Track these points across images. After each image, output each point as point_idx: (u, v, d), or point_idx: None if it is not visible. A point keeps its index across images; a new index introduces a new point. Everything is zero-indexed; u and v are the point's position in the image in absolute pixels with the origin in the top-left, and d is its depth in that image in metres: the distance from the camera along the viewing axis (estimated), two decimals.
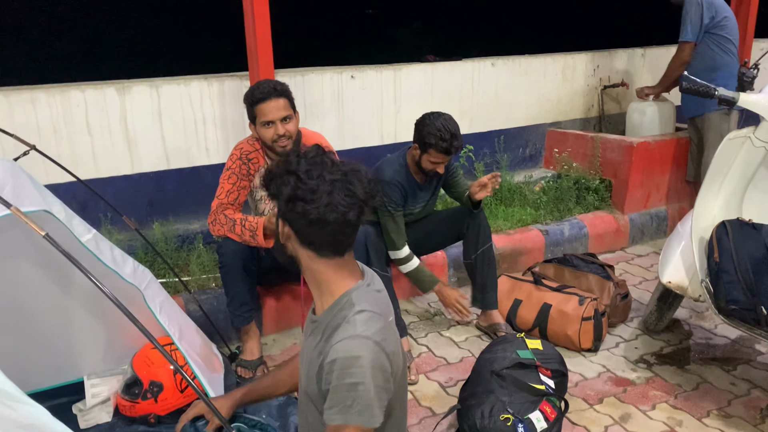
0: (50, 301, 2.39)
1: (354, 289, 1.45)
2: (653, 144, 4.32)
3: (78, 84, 3.35)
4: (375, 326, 1.39)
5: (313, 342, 1.49)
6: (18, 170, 1.90)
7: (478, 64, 4.56)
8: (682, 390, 2.73)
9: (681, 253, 2.87)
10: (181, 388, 2.46)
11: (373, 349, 1.35)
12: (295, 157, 1.41)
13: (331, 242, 1.41)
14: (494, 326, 3.15)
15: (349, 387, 1.33)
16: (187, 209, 3.70)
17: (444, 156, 2.91)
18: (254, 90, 2.65)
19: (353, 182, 1.39)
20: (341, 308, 1.43)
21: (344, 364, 1.33)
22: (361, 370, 1.33)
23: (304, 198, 1.35)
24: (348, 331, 1.37)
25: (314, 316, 1.54)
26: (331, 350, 1.36)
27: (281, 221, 1.44)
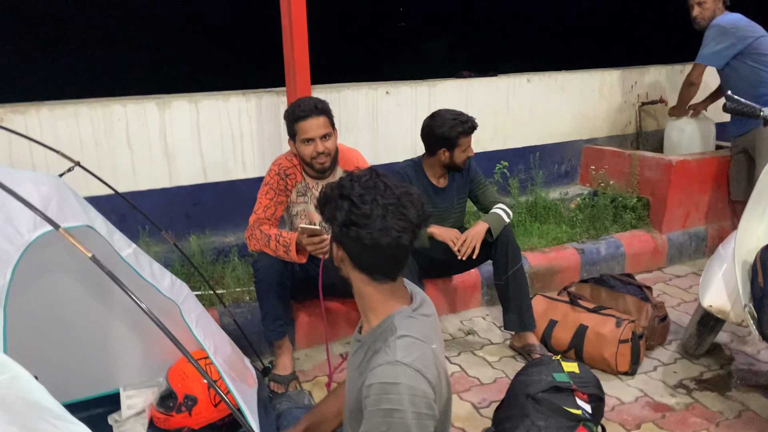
0: (89, 313, 2.43)
1: (397, 313, 1.45)
2: (693, 162, 4.24)
3: (119, 98, 3.42)
4: (416, 353, 1.37)
5: (356, 361, 1.50)
6: (63, 186, 1.94)
7: (514, 80, 4.54)
8: (723, 418, 2.65)
9: (723, 276, 2.80)
10: (215, 402, 2.48)
11: (413, 376, 1.34)
12: (349, 181, 1.43)
13: (384, 266, 1.44)
14: (529, 347, 3.11)
15: (385, 413, 1.32)
16: (223, 222, 3.74)
17: (470, 137, 3.08)
18: (295, 107, 2.68)
19: (406, 206, 1.40)
20: (383, 331, 1.44)
21: (381, 389, 1.33)
22: (398, 396, 1.31)
23: (357, 223, 1.37)
24: (387, 356, 1.37)
25: (359, 335, 1.55)
26: (370, 374, 1.36)
27: (335, 245, 1.46)
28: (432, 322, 1.52)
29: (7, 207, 1.70)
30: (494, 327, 3.47)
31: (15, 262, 1.56)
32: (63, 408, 1.20)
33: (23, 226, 1.68)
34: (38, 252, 2.00)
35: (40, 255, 2.10)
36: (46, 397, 1.19)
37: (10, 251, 1.62)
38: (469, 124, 3.05)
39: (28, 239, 1.67)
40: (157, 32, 10.27)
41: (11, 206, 1.69)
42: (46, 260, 2.17)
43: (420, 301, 1.53)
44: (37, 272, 2.20)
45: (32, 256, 1.91)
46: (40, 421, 1.17)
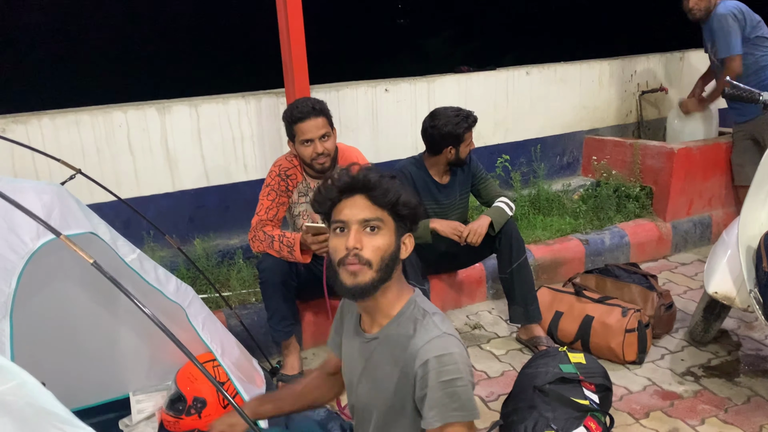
0: (96, 319, 2.45)
1: (415, 297, 1.52)
2: (695, 149, 4.23)
3: (120, 105, 3.44)
4: (450, 325, 1.48)
5: (381, 358, 1.51)
6: (65, 194, 1.95)
7: (513, 73, 4.53)
8: (732, 404, 2.65)
9: (727, 262, 2.79)
10: (224, 404, 2.50)
11: (459, 345, 1.42)
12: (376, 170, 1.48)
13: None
14: (535, 339, 3.11)
15: (447, 384, 1.37)
16: (227, 225, 3.76)
17: (472, 131, 3.13)
18: (293, 109, 2.69)
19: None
20: (409, 316, 1.48)
21: (439, 362, 1.37)
22: (455, 366, 1.37)
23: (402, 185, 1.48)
24: (432, 332, 1.42)
25: (368, 335, 1.55)
26: (420, 352, 1.40)
27: (409, 236, 1.52)
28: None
29: (10, 216, 1.72)
30: (500, 320, 3.47)
31: (20, 271, 1.57)
32: (71, 413, 1.21)
33: (27, 235, 1.70)
34: (43, 260, 2.02)
35: (46, 263, 2.12)
36: (54, 402, 1.20)
37: (14, 260, 1.64)
38: (471, 118, 3.09)
39: (32, 248, 1.68)
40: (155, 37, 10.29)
41: (15, 215, 1.70)
42: (51, 269, 2.19)
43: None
44: (43, 281, 2.22)
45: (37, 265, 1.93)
46: (48, 426, 1.18)
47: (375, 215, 1.43)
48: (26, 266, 1.62)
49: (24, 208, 1.55)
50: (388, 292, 1.49)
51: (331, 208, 1.48)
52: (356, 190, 1.44)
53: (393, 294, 1.50)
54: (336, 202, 1.46)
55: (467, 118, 3.07)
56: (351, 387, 1.66)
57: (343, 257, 1.42)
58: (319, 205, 1.49)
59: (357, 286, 1.42)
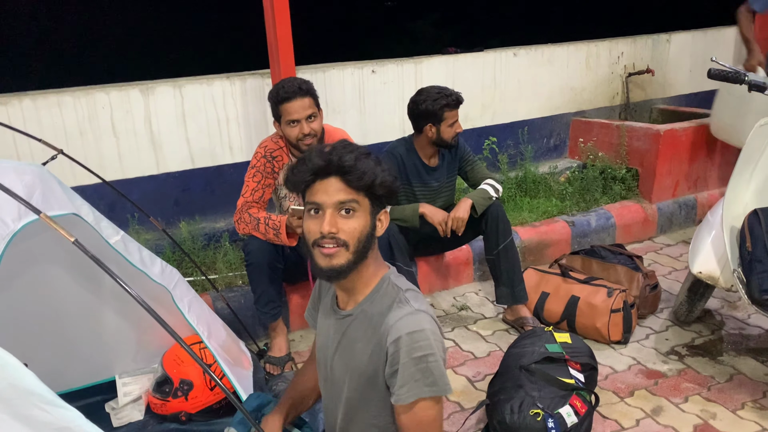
0: (81, 302, 2.43)
1: (390, 273, 1.53)
2: (680, 131, 4.24)
3: (103, 86, 3.38)
4: (424, 302, 1.48)
5: (355, 336, 1.51)
6: (47, 174, 1.93)
7: (500, 54, 4.51)
8: (715, 382, 2.68)
9: (712, 242, 2.82)
10: (210, 386, 2.49)
11: (432, 321, 1.43)
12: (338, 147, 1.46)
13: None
14: (521, 320, 3.13)
15: (419, 360, 1.38)
16: (213, 208, 3.73)
17: (456, 111, 3.07)
18: (279, 89, 2.66)
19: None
20: (384, 293, 1.49)
21: (410, 339, 1.38)
22: (427, 342, 1.39)
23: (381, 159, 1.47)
24: (404, 309, 1.43)
25: (342, 312, 1.55)
26: (392, 330, 1.41)
27: (384, 212, 1.51)
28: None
29: None
30: (487, 302, 3.49)
31: (1, 252, 1.55)
32: (54, 394, 1.21)
33: (8, 215, 1.67)
34: (26, 243, 2.00)
35: (29, 246, 2.10)
36: (37, 383, 1.20)
37: None
38: (453, 97, 3.05)
39: (13, 229, 1.65)
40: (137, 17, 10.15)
41: None
42: (34, 251, 2.17)
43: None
44: (26, 263, 2.20)
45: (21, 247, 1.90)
46: (30, 407, 1.18)
47: (350, 197, 1.41)
48: (7, 248, 1.60)
49: (4, 188, 1.53)
50: (364, 271, 1.50)
51: (306, 189, 1.46)
52: (331, 173, 1.41)
53: (369, 272, 1.51)
54: (310, 183, 1.44)
55: (448, 96, 3.04)
56: (324, 363, 1.66)
57: (317, 239, 1.41)
58: (293, 186, 1.46)
59: (332, 269, 1.42)
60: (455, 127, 3.11)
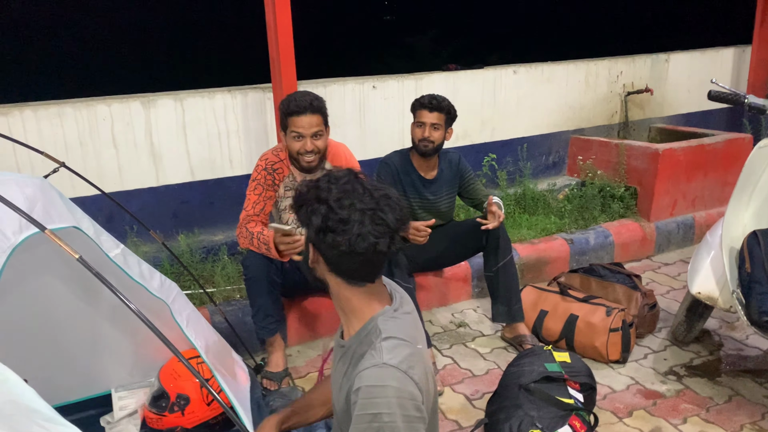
0: (78, 315, 2.42)
1: (380, 314, 1.42)
2: (679, 150, 4.26)
3: (104, 98, 3.39)
4: (401, 354, 1.34)
5: (342, 368, 1.47)
6: (48, 187, 1.92)
7: (500, 71, 4.54)
8: (713, 403, 2.67)
9: (711, 262, 2.82)
10: (207, 401, 2.47)
11: (400, 378, 1.30)
12: (326, 182, 1.38)
13: (361, 271, 1.39)
14: (520, 338, 3.12)
15: (372, 418, 1.28)
16: (212, 221, 3.73)
17: (425, 112, 3.05)
18: (290, 101, 2.66)
19: (385, 210, 1.35)
20: (367, 334, 1.40)
21: (368, 393, 1.29)
22: (386, 400, 1.28)
23: (334, 229, 1.32)
24: (374, 359, 1.33)
25: (342, 341, 1.51)
26: (356, 378, 1.33)
27: (311, 247, 1.41)
28: (414, 320, 1.49)
29: None
30: (485, 319, 3.48)
31: (1, 266, 1.54)
32: (54, 410, 1.19)
33: (9, 228, 1.66)
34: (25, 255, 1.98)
35: (27, 258, 2.08)
36: (36, 399, 1.19)
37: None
38: (423, 99, 3.07)
39: (14, 242, 1.65)
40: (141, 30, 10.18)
41: None
42: (33, 263, 2.15)
43: (400, 300, 1.50)
44: (24, 275, 2.18)
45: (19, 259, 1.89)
46: (30, 424, 1.17)
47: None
48: (8, 261, 1.59)
49: (7, 201, 1.52)
50: (351, 297, 1.43)
51: None
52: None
53: (355, 303, 1.44)
54: None
55: (422, 98, 3.08)
56: (332, 383, 1.65)
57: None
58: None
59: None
60: (421, 130, 3.07)
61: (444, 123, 3.08)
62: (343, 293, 1.43)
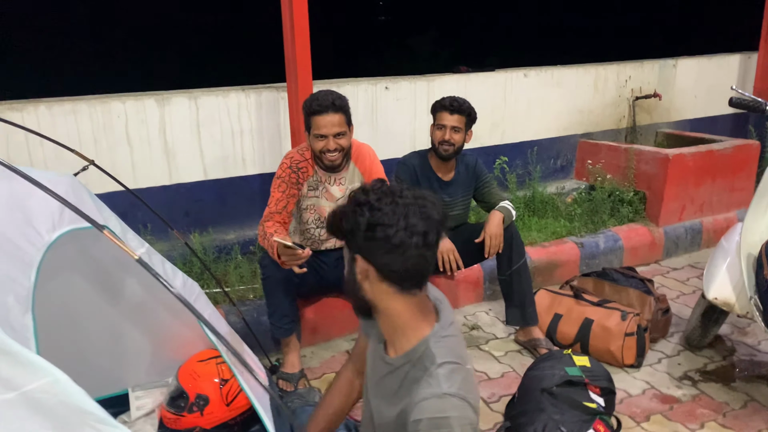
0: (99, 314, 2.40)
1: (431, 336, 1.41)
2: (688, 156, 4.28)
3: (119, 95, 3.37)
4: (458, 380, 1.35)
5: (389, 387, 1.46)
6: (78, 186, 1.91)
7: (511, 74, 4.55)
8: (730, 408, 2.68)
9: (727, 268, 2.82)
10: (227, 401, 2.46)
11: (461, 406, 1.32)
12: (361, 192, 1.38)
13: (412, 272, 1.36)
14: (534, 341, 3.12)
15: None
16: (224, 220, 3.71)
17: (446, 114, 3.07)
18: (312, 100, 2.65)
19: (426, 205, 1.35)
20: (420, 358, 1.39)
21: (431, 425, 1.30)
22: (449, 430, 1.29)
23: (382, 222, 1.30)
24: (432, 388, 1.33)
25: (387, 356, 1.49)
26: (416, 409, 1.33)
27: (359, 259, 1.38)
28: (459, 337, 1.50)
29: (25, 208, 1.67)
30: (498, 322, 3.48)
31: (38, 264, 1.53)
32: (105, 411, 1.18)
33: (42, 226, 1.66)
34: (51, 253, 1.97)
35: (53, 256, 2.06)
36: (88, 401, 1.17)
37: (32, 253, 1.59)
38: (445, 101, 3.09)
39: (48, 240, 1.64)
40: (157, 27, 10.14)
41: (30, 207, 1.66)
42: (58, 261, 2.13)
43: (445, 314, 1.50)
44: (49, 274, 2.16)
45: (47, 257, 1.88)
46: (82, 426, 1.16)
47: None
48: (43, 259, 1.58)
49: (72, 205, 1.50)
50: (395, 318, 1.42)
51: None
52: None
53: (401, 321, 1.43)
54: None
55: (443, 100, 3.10)
56: (366, 384, 1.64)
57: None
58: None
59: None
60: (442, 132, 3.09)
61: (464, 125, 3.08)
62: (393, 307, 1.41)
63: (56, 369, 1.18)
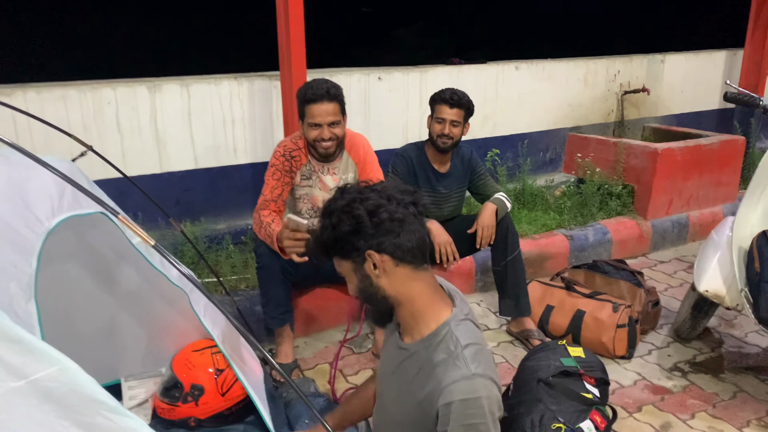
0: (94, 302, 2.37)
1: (452, 319, 1.43)
2: (677, 150, 4.32)
3: (109, 81, 3.32)
4: (484, 360, 1.39)
5: (408, 373, 1.47)
6: (76, 171, 1.88)
7: (502, 67, 4.55)
8: (719, 399, 2.73)
9: (718, 261, 2.86)
10: (222, 391, 2.44)
11: (488, 386, 1.36)
12: (335, 201, 1.42)
13: (418, 243, 1.40)
14: (527, 332, 3.14)
15: (468, 428, 1.33)
16: (215, 209, 3.67)
17: (446, 108, 3.05)
18: (307, 89, 2.63)
19: (393, 185, 1.44)
20: (442, 341, 1.41)
21: (463, 406, 1.32)
22: (481, 410, 1.32)
23: (379, 204, 1.37)
24: (461, 370, 1.35)
25: (403, 343, 1.50)
26: (445, 392, 1.34)
27: (371, 254, 1.39)
28: (473, 318, 1.52)
29: (24, 193, 1.64)
30: (489, 313, 3.50)
31: (39, 250, 1.50)
32: (116, 400, 1.16)
33: (42, 212, 1.63)
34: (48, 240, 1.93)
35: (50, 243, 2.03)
36: (99, 389, 1.16)
37: (33, 239, 1.56)
38: (444, 95, 3.08)
39: (48, 226, 1.61)
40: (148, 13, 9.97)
41: (29, 192, 1.63)
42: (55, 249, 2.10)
43: (460, 300, 1.52)
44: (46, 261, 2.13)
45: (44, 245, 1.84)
46: (94, 415, 1.14)
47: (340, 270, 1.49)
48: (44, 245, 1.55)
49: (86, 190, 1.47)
50: (410, 306, 1.45)
51: None
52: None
53: (417, 308, 1.45)
54: None
55: (443, 92, 3.09)
56: (380, 381, 1.64)
57: None
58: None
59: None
60: (441, 126, 3.09)
61: (463, 119, 3.08)
62: (413, 291, 1.43)
63: (65, 357, 1.17)
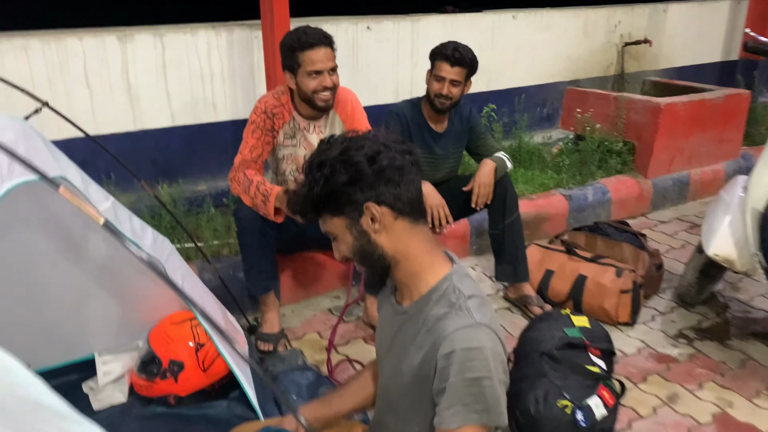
0: (59, 274, 2.17)
1: (453, 273, 1.31)
2: (680, 105, 4.13)
3: (75, 31, 3.06)
4: (488, 313, 1.28)
5: (408, 335, 1.33)
6: (30, 131, 1.66)
7: (499, 16, 4.30)
8: (728, 368, 2.60)
9: (729, 224, 2.70)
10: (203, 367, 2.28)
11: (493, 338, 1.23)
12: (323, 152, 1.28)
13: (416, 194, 1.30)
14: (525, 298, 2.99)
15: (473, 381, 1.19)
16: (194, 169, 3.46)
17: (446, 66, 2.79)
18: (301, 35, 2.40)
19: (381, 133, 1.32)
20: (443, 294, 1.28)
21: (466, 356, 1.19)
22: (484, 362, 1.19)
23: (378, 150, 1.25)
24: (464, 319, 1.23)
25: (401, 306, 1.37)
26: (446, 341, 1.21)
27: (371, 207, 1.25)
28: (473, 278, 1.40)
29: None
30: (485, 278, 3.35)
31: None
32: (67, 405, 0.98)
33: None
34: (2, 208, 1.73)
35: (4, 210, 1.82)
36: (46, 392, 0.97)
37: None
38: (446, 51, 2.79)
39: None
40: None
41: None
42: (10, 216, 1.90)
43: (460, 263, 1.38)
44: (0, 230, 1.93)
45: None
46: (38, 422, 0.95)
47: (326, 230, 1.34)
48: None
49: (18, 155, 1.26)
50: (408, 266, 1.32)
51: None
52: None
53: (415, 266, 1.32)
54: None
55: (444, 48, 2.80)
56: (378, 354, 1.50)
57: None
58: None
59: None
60: (440, 85, 2.83)
61: (464, 78, 2.85)
62: (412, 246, 1.31)
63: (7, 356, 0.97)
